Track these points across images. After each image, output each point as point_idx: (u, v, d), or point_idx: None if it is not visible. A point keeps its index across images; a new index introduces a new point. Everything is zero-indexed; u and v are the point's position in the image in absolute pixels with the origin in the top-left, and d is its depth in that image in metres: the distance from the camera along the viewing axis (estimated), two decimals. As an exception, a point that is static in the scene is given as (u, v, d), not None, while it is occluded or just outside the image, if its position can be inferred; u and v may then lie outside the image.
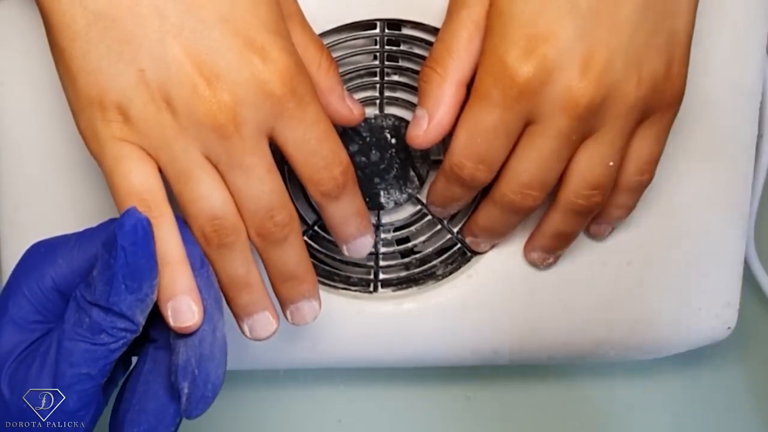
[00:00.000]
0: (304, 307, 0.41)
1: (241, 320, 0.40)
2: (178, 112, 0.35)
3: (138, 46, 0.35)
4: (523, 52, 0.38)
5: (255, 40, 0.36)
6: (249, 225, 0.38)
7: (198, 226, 0.37)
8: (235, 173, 0.37)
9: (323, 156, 0.38)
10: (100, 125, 0.36)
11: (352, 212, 0.40)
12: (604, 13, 0.38)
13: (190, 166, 0.36)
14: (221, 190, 0.37)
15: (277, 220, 0.38)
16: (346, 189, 0.39)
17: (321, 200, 0.39)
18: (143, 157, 0.36)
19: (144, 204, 0.36)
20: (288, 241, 0.38)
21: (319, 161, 0.38)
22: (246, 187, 0.37)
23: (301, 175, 0.38)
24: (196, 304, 0.36)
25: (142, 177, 0.36)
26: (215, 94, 0.35)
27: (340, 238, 0.41)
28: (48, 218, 0.45)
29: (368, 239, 0.42)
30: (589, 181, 0.41)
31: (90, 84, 0.35)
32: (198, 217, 0.37)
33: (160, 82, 0.35)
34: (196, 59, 0.35)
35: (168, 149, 0.36)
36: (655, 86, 0.40)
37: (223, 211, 0.37)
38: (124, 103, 0.35)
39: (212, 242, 0.37)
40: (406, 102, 0.45)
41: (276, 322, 0.40)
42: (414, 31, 0.44)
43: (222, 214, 0.37)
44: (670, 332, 0.50)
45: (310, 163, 0.38)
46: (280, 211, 0.38)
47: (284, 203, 0.38)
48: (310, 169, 0.38)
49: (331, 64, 0.40)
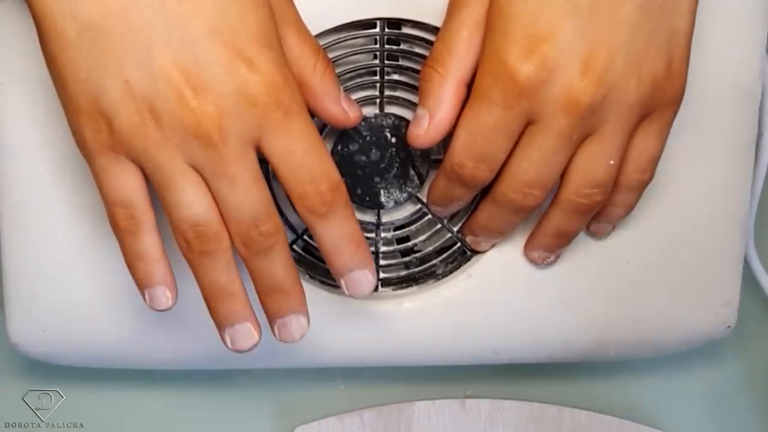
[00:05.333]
0: (291, 322, 0.40)
1: (222, 330, 0.40)
2: (163, 122, 0.36)
3: (125, 56, 0.35)
4: (524, 52, 0.38)
5: (243, 52, 0.36)
6: (234, 234, 0.38)
7: (180, 232, 0.38)
8: (220, 183, 0.37)
9: (308, 169, 0.38)
10: (88, 134, 0.37)
11: (343, 236, 0.40)
12: (605, 12, 0.38)
13: (173, 175, 0.37)
14: (205, 198, 0.37)
15: (263, 229, 0.38)
16: (334, 208, 0.39)
17: (307, 218, 0.39)
18: (128, 168, 0.37)
19: (127, 214, 0.38)
20: (274, 251, 0.39)
21: (304, 174, 0.38)
22: (231, 197, 0.37)
23: (286, 189, 0.38)
24: (171, 290, 0.40)
25: (127, 186, 0.38)
26: (200, 104, 0.36)
27: (335, 269, 0.41)
28: (48, 218, 0.45)
29: (366, 274, 0.41)
30: (590, 179, 0.41)
31: (78, 92, 0.36)
32: (180, 224, 0.38)
33: (146, 93, 0.36)
34: (183, 70, 0.35)
35: (151, 159, 0.37)
36: (655, 85, 0.40)
37: (205, 219, 0.37)
38: (110, 114, 0.36)
39: (194, 248, 0.38)
40: (407, 101, 0.45)
41: (257, 334, 0.40)
42: (414, 30, 0.44)
43: (204, 222, 0.37)
44: (670, 331, 0.50)
45: (295, 176, 0.38)
46: (266, 222, 0.38)
47: (270, 213, 0.38)
48: (294, 182, 0.38)
49: (327, 67, 0.40)
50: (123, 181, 0.37)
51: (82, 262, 0.45)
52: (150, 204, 0.38)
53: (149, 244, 0.39)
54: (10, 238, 0.45)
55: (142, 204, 0.38)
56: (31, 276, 0.45)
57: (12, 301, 0.46)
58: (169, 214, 0.38)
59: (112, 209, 0.38)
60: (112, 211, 0.38)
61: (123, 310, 0.46)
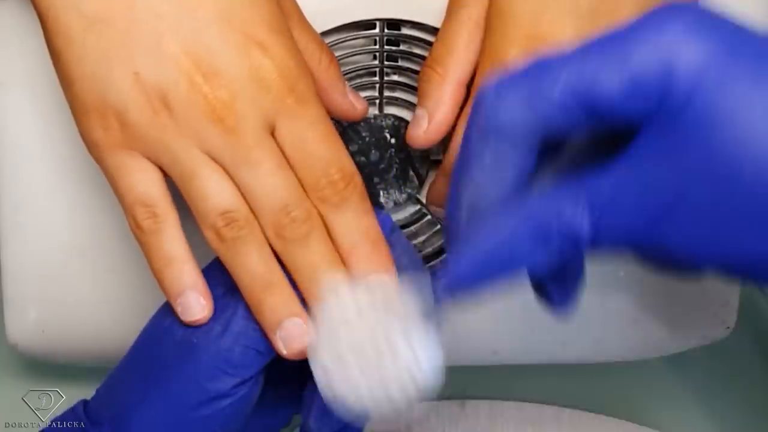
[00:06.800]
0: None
1: (272, 331, 0.36)
2: (176, 111, 0.35)
3: (133, 48, 0.34)
4: (524, 52, 0.38)
5: (255, 36, 0.35)
6: (265, 225, 0.36)
7: (209, 223, 0.35)
8: (242, 170, 0.35)
9: (321, 157, 0.36)
10: (99, 133, 0.35)
11: (359, 232, 0.37)
12: (604, 12, 0.38)
13: (193, 165, 0.35)
14: (229, 186, 0.35)
15: (294, 215, 0.35)
16: (348, 199, 0.36)
17: (321, 208, 0.36)
18: (144, 164, 0.35)
19: (148, 212, 0.36)
20: (311, 238, 0.36)
21: (316, 162, 0.36)
22: (256, 183, 0.35)
23: (300, 178, 0.36)
24: (205, 297, 0.36)
25: (145, 185, 0.36)
26: (213, 90, 0.34)
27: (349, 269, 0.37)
28: (48, 218, 0.45)
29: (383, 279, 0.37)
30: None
31: (86, 90, 0.35)
32: (208, 215, 0.35)
33: (156, 83, 0.34)
34: (194, 56, 0.34)
35: (169, 152, 0.35)
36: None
37: (233, 205, 0.35)
38: (120, 109, 0.35)
39: (226, 237, 0.35)
40: (406, 102, 0.45)
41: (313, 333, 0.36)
42: (413, 31, 0.44)
43: (234, 207, 0.35)
44: (669, 332, 0.50)
45: (308, 164, 0.36)
46: (297, 207, 0.35)
47: (301, 198, 0.36)
48: (306, 171, 0.36)
49: (332, 60, 0.40)
50: (140, 178, 0.35)
51: (82, 262, 0.45)
52: (171, 201, 0.36)
53: (176, 243, 0.36)
54: (10, 238, 0.45)
55: (164, 199, 0.36)
56: (30, 276, 0.45)
57: (11, 302, 0.46)
58: (195, 207, 0.35)
59: (133, 210, 0.36)
60: (133, 213, 0.36)
61: (123, 310, 0.46)
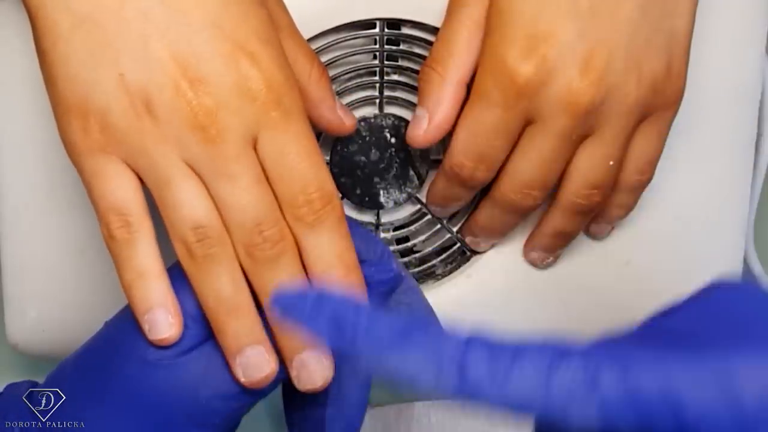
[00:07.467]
0: (311, 361, 0.35)
1: (232, 358, 0.35)
2: (159, 116, 0.34)
3: (120, 49, 0.34)
4: (523, 52, 0.38)
5: (245, 46, 0.34)
6: (236, 242, 0.35)
7: (179, 235, 0.34)
8: (219, 182, 0.34)
9: (301, 174, 0.35)
10: (78, 135, 0.35)
11: (332, 254, 0.35)
12: (604, 12, 0.38)
13: (170, 172, 0.34)
14: (204, 197, 0.34)
15: (267, 234, 0.34)
16: (324, 220, 0.35)
17: (295, 228, 0.35)
18: (122, 169, 0.35)
19: (122, 220, 0.35)
20: (282, 261, 0.35)
21: (295, 178, 0.35)
22: (232, 198, 0.34)
23: (277, 195, 0.35)
24: (174, 316, 0.35)
25: (120, 191, 0.35)
26: (197, 97, 0.34)
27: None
28: (48, 218, 0.45)
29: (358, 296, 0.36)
30: (590, 180, 0.41)
31: (69, 90, 0.34)
32: (180, 226, 0.34)
33: (141, 86, 0.34)
34: (181, 61, 0.34)
35: (147, 156, 0.34)
36: (654, 86, 0.40)
37: (207, 220, 0.34)
38: (103, 111, 0.34)
39: (196, 254, 0.34)
40: (406, 101, 0.45)
41: (274, 362, 0.35)
42: (414, 31, 0.44)
43: (206, 222, 0.34)
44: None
45: (286, 180, 0.35)
46: (271, 226, 0.34)
47: (275, 218, 0.35)
48: (284, 187, 0.35)
49: (322, 74, 0.40)
50: (116, 184, 0.34)
51: (82, 262, 0.45)
52: (147, 210, 0.35)
53: (148, 256, 0.35)
54: (10, 238, 0.45)
55: (139, 208, 0.35)
56: (30, 276, 0.45)
57: (11, 301, 0.46)
58: (167, 216, 0.35)
59: (106, 218, 0.35)
60: (106, 220, 0.35)
61: (123, 310, 0.46)
